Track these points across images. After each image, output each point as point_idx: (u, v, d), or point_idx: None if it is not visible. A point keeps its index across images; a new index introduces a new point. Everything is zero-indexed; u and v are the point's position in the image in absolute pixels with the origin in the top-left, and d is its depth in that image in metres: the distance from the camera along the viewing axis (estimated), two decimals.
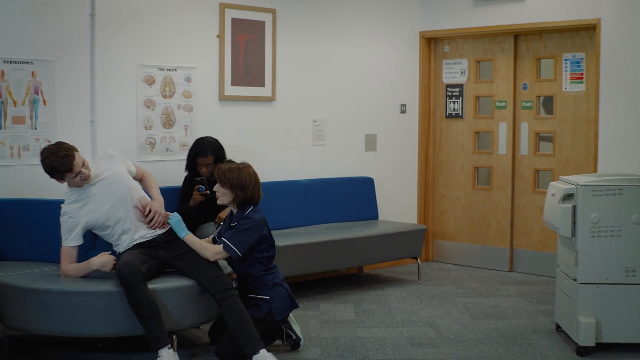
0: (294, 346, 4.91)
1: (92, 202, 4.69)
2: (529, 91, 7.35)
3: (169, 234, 4.80)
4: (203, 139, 5.73)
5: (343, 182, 7.17)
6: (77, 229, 4.66)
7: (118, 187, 4.75)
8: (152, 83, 6.01)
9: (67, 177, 4.60)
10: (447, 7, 7.60)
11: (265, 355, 4.42)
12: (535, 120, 7.32)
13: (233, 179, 4.66)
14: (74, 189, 4.72)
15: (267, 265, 4.76)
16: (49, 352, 4.87)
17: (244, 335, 4.45)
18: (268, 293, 4.73)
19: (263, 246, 4.73)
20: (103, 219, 4.69)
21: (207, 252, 4.68)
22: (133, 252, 4.62)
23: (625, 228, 4.84)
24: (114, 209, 4.70)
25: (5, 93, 5.31)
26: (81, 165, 4.59)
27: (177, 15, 6.14)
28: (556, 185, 5.12)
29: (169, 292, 4.53)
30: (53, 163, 4.54)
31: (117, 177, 4.79)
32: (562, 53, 7.10)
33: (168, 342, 4.39)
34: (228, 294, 4.52)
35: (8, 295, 4.51)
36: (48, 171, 4.61)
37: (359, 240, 6.47)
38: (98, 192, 4.71)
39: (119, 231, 4.72)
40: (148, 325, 4.36)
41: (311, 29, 7.00)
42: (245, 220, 4.68)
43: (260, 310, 4.69)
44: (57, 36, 5.52)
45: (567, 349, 4.97)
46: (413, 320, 5.65)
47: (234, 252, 4.62)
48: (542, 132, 7.28)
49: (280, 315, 4.74)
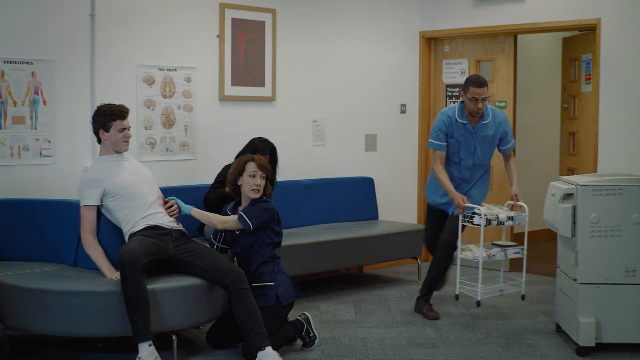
0: (309, 343, 4.93)
1: (121, 169, 4.85)
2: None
3: (181, 233, 4.87)
4: (263, 138, 5.76)
5: (343, 182, 7.17)
6: (97, 190, 4.77)
7: (145, 171, 5.00)
8: (152, 83, 6.01)
9: (116, 127, 4.81)
10: (447, 7, 7.60)
11: (270, 353, 4.44)
12: None
13: (270, 170, 4.93)
14: (105, 156, 4.88)
15: (272, 252, 4.85)
16: (49, 352, 4.87)
17: (252, 329, 4.48)
18: (273, 279, 4.78)
19: (274, 229, 4.84)
20: (127, 184, 4.80)
21: (215, 219, 4.82)
22: (142, 239, 4.62)
23: (625, 228, 4.84)
24: (139, 181, 4.86)
25: (5, 93, 5.31)
26: (129, 125, 4.90)
27: (177, 15, 6.14)
28: (556, 185, 5.12)
29: (169, 292, 4.53)
30: (111, 107, 4.85)
31: (143, 166, 5.07)
32: (581, 54, 7.11)
33: (150, 339, 4.38)
34: (242, 285, 4.56)
35: (8, 295, 4.50)
36: (104, 114, 4.83)
37: (359, 240, 6.47)
38: (128, 164, 4.92)
39: (138, 205, 4.79)
40: (134, 316, 4.35)
41: (311, 29, 7.00)
42: (261, 203, 4.82)
43: (267, 298, 4.74)
44: (57, 36, 5.53)
45: (567, 349, 4.97)
46: (413, 320, 5.65)
47: (247, 223, 4.73)
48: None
49: (286, 301, 4.79)
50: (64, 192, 5.48)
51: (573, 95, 7.39)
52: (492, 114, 5.61)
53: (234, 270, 4.62)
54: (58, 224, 5.04)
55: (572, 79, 7.39)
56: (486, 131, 5.59)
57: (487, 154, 5.68)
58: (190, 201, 5.59)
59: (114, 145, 4.85)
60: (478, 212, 5.38)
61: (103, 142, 4.87)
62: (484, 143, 5.62)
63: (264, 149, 5.65)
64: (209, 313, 4.75)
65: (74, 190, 5.53)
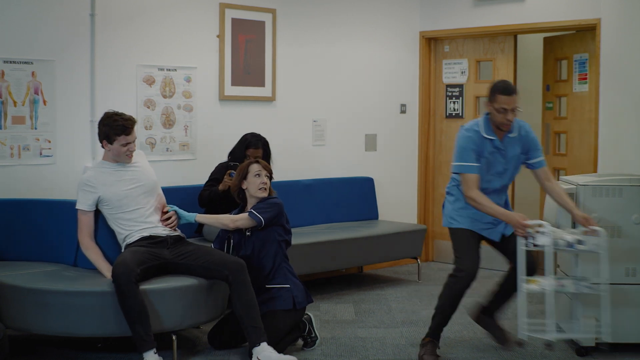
0: (310, 344, 4.93)
1: (118, 179, 4.78)
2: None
3: (177, 238, 4.84)
4: (255, 133, 5.83)
5: (343, 182, 7.17)
6: (91, 197, 4.74)
7: (146, 177, 4.88)
8: (152, 83, 6.01)
9: (119, 141, 4.72)
10: (447, 7, 7.60)
11: (265, 348, 4.44)
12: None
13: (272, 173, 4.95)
14: (107, 162, 4.83)
15: (284, 251, 4.85)
16: (49, 352, 4.87)
17: (250, 324, 4.48)
18: (288, 281, 4.77)
19: (284, 226, 4.84)
20: (121, 195, 4.74)
21: (225, 219, 4.79)
22: (136, 249, 4.60)
23: (625, 228, 4.84)
24: (134, 193, 4.78)
25: (5, 93, 5.31)
26: (134, 138, 4.78)
27: (177, 15, 6.14)
28: None
29: (169, 292, 4.53)
30: (117, 120, 4.72)
31: (147, 169, 4.95)
32: (572, 54, 7.10)
33: (153, 346, 4.37)
34: (242, 276, 4.55)
35: (8, 295, 4.50)
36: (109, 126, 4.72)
37: (359, 240, 6.47)
38: (128, 173, 4.82)
39: (132, 216, 4.74)
40: (134, 327, 4.35)
41: (311, 29, 7.00)
42: (269, 200, 4.83)
43: (284, 301, 4.73)
44: (57, 36, 5.53)
45: (567, 349, 4.97)
46: (413, 320, 5.65)
47: (258, 217, 4.72)
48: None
49: (300, 305, 4.78)
50: (64, 192, 5.48)
51: (560, 94, 7.35)
52: (517, 125, 4.78)
53: (233, 260, 4.61)
54: (58, 224, 5.03)
55: (558, 78, 7.35)
56: (514, 146, 4.75)
57: (515, 173, 4.86)
58: (190, 201, 5.61)
59: (115, 157, 4.80)
60: (541, 229, 4.47)
61: (106, 151, 4.84)
62: (513, 161, 4.76)
63: (257, 143, 5.70)
64: (209, 313, 4.75)
65: (74, 190, 5.52)
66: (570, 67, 7.18)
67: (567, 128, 7.25)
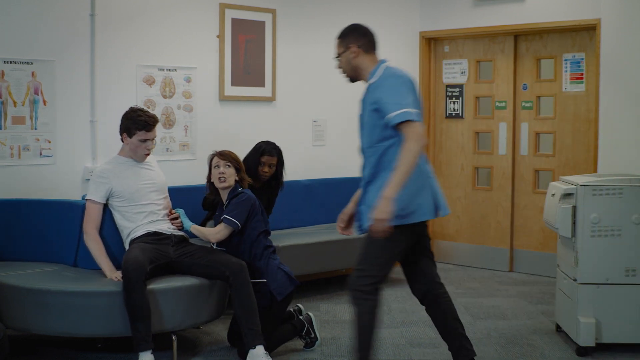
0: (310, 344, 4.94)
1: (132, 173, 4.85)
2: (529, 91, 7.35)
3: (181, 238, 4.88)
4: (270, 141, 5.75)
5: (343, 182, 7.16)
6: (104, 188, 4.79)
7: (158, 178, 4.99)
8: (152, 83, 6.01)
9: (138, 136, 4.80)
10: (447, 7, 7.60)
11: (260, 353, 4.45)
12: (535, 121, 7.31)
13: (238, 160, 4.93)
14: (123, 157, 4.90)
15: (266, 241, 4.85)
16: (49, 352, 4.87)
17: (247, 326, 4.49)
18: (263, 276, 4.77)
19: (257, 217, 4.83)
20: (133, 189, 4.81)
21: (209, 233, 4.82)
22: (144, 246, 4.62)
23: (625, 228, 4.84)
24: (146, 188, 4.86)
25: (5, 93, 5.30)
26: (154, 136, 4.89)
27: (177, 15, 6.14)
28: (556, 186, 5.12)
29: (169, 292, 4.53)
30: (141, 115, 4.82)
31: (159, 172, 5.06)
32: (562, 53, 7.10)
33: (150, 348, 4.37)
34: (242, 277, 4.56)
35: (8, 295, 4.50)
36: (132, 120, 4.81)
37: (359, 240, 6.44)
38: (142, 171, 4.91)
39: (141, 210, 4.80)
40: (136, 325, 4.36)
41: (311, 29, 7.00)
42: (237, 195, 4.83)
43: (262, 297, 4.73)
44: (57, 36, 5.53)
45: (567, 349, 4.97)
46: (413, 320, 5.65)
47: (234, 223, 4.73)
48: (542, 132, 7.28)
49: (281, 295, 4.75)
50: (64, 192, 5.48)
51: (543, 95, 7.28)
52: (384, 72, 4.07)
53: (234, 262, 4.63)
54: (58, 224, 5.04)
55: (539, 78, 7.31)
56: (368, 96, 3.99)
57: (371, 133, 3.97)
58: (190, 201, 5.61)
59: (132, 153, 4.87)
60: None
61: (124, 145, 4.89)
62: (364, 114, 3.99)
63: (271, 151, 5.65)
64: (209, 313, 4.75)
65: (74, 190, 5.54)
66: (558, 66, 7.15)
67: (554, 128, 7.21)
